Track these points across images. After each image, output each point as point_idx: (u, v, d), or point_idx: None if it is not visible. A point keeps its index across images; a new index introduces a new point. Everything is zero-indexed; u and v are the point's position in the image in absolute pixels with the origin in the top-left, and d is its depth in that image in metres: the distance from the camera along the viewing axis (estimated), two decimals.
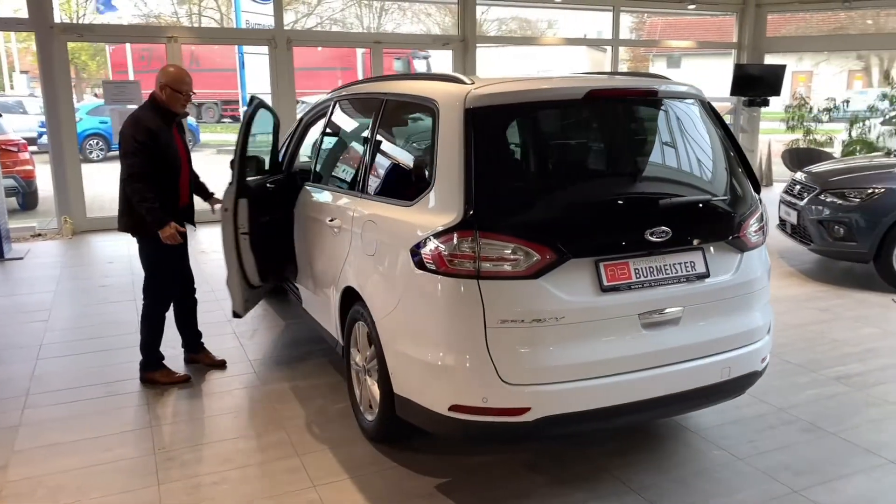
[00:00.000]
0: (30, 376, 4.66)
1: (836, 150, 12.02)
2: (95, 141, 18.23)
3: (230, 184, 4.57)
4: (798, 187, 7.15)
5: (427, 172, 3.20)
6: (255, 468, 3.53)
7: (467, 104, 3.02)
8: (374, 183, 3.73)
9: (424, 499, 3.26)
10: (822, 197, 6.68)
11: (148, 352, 4.55)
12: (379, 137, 3.80)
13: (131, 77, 19.66)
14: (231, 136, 18.09)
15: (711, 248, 3.24)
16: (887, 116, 12.15)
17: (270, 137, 5.25)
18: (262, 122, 4.98)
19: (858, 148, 11.74)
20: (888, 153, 8.11)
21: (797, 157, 11.23)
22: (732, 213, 3.32)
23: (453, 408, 2.97)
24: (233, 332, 5.50)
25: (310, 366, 4.82)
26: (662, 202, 3.11)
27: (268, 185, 4.94)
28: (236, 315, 4.83)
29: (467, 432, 3.08)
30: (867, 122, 11.89)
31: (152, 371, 4.55)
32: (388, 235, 3.36)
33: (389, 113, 3.81)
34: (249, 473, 3.48)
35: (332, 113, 4.61)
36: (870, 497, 3.25)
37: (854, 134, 12.00)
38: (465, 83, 3.18)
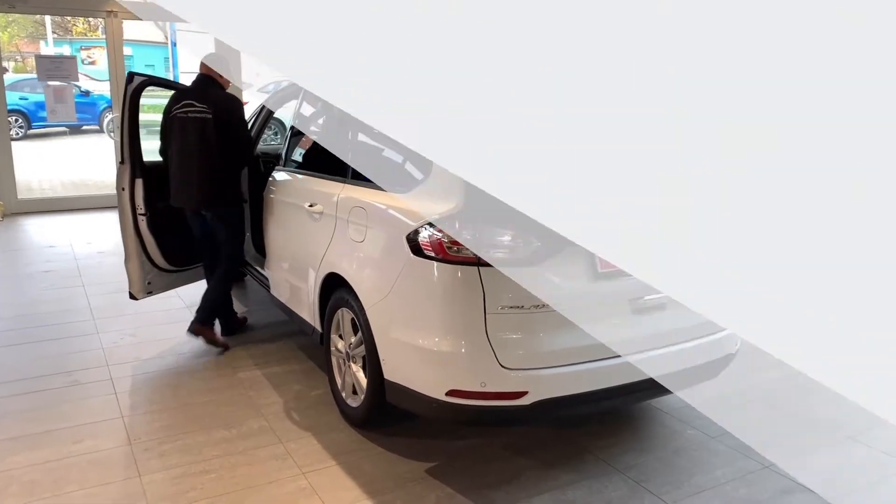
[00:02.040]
0: None
1: None
2: (14, 118, 17.29)
3: (121, 163, 4.54)
4: None
5: (422, 160, 3.20)
6: (239, 456, 3.48)
7: None
8: (361, 169, 3.70)
9: (417, 482, 3.29)
10: None
11: (223, 310, 4.89)
12: (365, 124, 3.75)
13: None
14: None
15: None
16: None
17: None
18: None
19: None
20: None
21: None
22: None
23: (451, 393, 3.00)
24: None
25: (280, 352, 4.76)
26: None
27: None
28: (132, 297, 4.79)
29: (463, 416, 3.12)
30: None
31: (211, 327, 4.77)
32: (380, 221, 3.34)
33: None
34: (235, 462, 3.43)
35: (304, 98, 4.52)
36: (834, 469, 3.47)
37: None
38: None
